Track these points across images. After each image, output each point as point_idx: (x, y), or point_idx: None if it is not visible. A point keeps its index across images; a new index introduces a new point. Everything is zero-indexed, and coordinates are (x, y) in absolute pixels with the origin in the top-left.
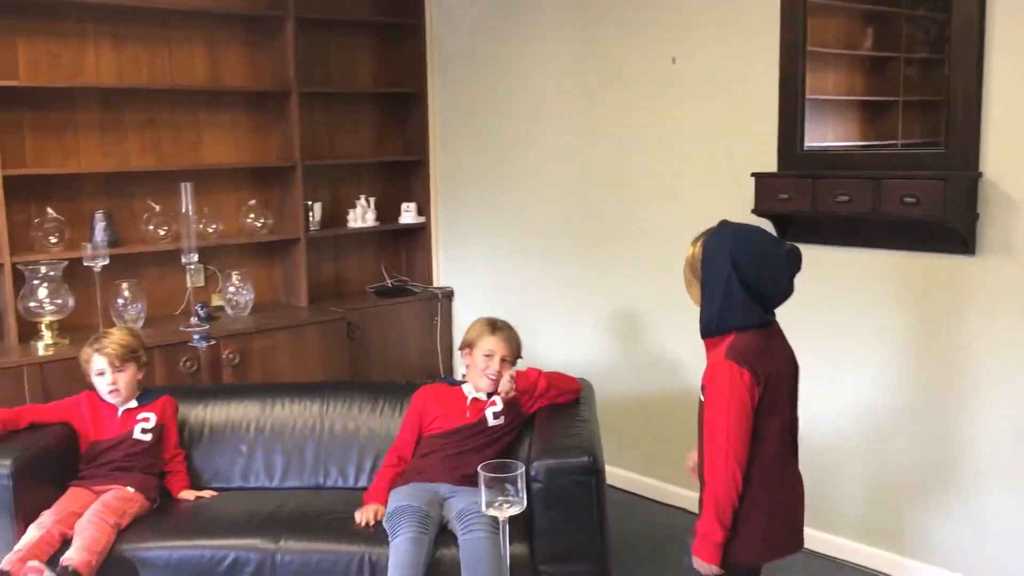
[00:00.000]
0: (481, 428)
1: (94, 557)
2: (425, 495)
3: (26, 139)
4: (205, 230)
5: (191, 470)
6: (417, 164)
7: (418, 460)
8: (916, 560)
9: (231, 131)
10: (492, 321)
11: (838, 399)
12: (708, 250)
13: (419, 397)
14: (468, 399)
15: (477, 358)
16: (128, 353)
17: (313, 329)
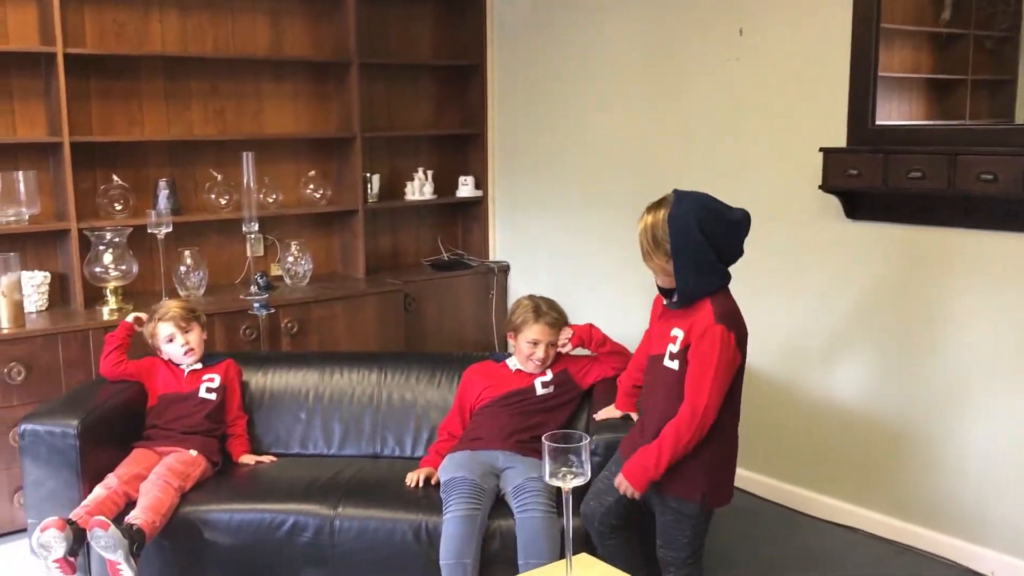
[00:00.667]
0: (530, 395)
1: (158, 518)
2: (479, 466)
3: (93, 107)
4: (265, 200)
5: (251, 435)
6: (475, 137)
7: (472, 428)
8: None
9: (292, 101)
10: (537, 306)
11: (912, 382)
12: (675, 219)
13: (467, 375)
14: (513, 370)
15: (522, 345)
16: (189, 313)
17: (370, 300)
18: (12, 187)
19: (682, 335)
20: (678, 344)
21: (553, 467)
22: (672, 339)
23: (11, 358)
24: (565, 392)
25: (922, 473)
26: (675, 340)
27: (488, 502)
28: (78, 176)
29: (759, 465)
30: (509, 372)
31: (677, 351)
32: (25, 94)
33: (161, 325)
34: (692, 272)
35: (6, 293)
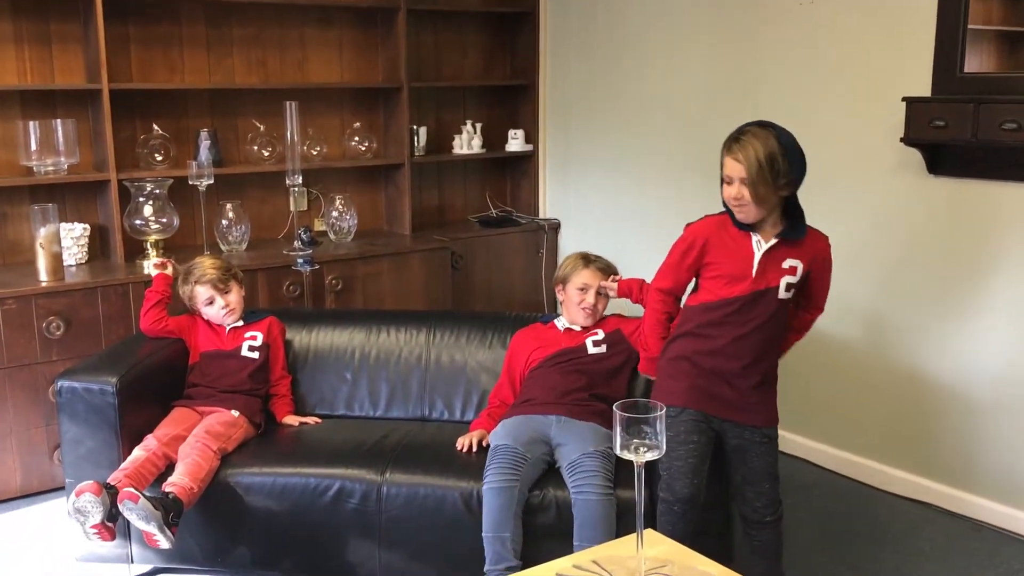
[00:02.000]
0: (582, 353)
1: (196, 484)
2: (529, 432)
3: (132, 53)
4: (309, 152)
5: (295, 396)
6: (525, 89)
7: (524, 392)
8: None
9: (337, 50)
10: (585, 255)
11: (990, 352)
12: (795, 149)
13: (514, 340)
14: (562, 329)
15: (571, 293)
16: (225, 273)
17: (416, 257)
18: (50, 136)
19: (801, 265)
20: (797, 275)
21: (624, 438)
22: (788, 271)
23: (50, 312)
24: (620, 352)
25: (1000, 446)
26: (793, 271)
27: (532, 471)
28: (117, 125)
29: (826, 435)
30: (558, 332)
31: (796, 281)
32: (63, 39)
33: (199, 288)
34: (797, 203)
35: (44, 245)
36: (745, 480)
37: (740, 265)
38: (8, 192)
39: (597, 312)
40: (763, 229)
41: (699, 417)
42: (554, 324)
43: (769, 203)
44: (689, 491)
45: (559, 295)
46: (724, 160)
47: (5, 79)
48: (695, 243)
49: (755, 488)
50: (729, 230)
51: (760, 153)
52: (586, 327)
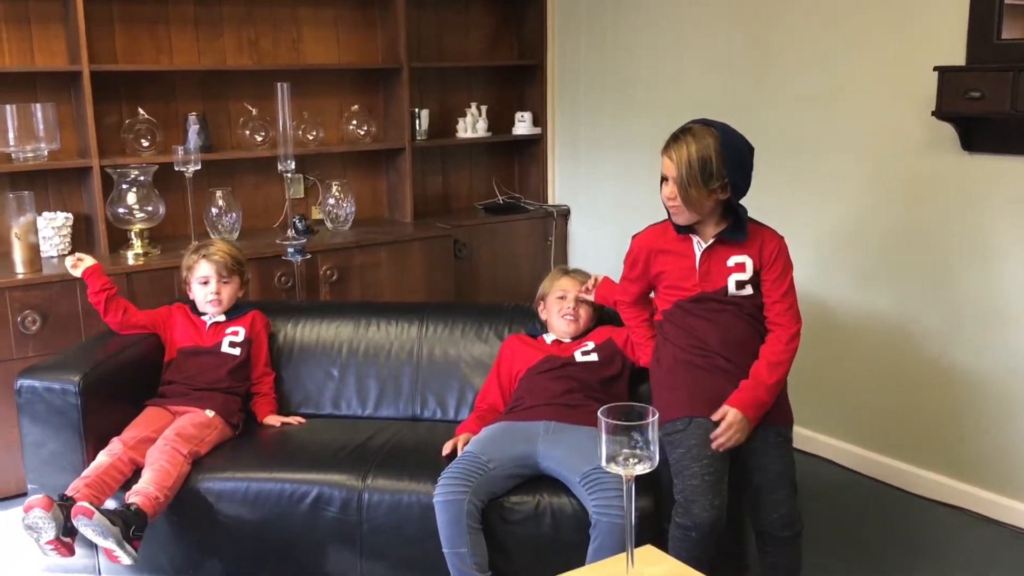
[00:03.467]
0: (570, 362)
1: (162, 493)
2: (509, 441)
3: (116, 33)
4: (304, 137)
5: (279, 394)
6: (533, 69)
7: (513, 398)
8: None
9: (333, 28)
10: (564, 268)
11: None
12: (731, 147)
13: (506, 344)
14: (550, 342)
15: (551, 304)
16: (236, 265)
17: (417, 246)
18: (29, 120)
19: (750, 261)
20: (748, 271)
21: (612, 449)
22: (735, 268)
23: (25, 306)
24: (614, 361)
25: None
26: (742, 268)
27: (496, 483)
28: (102, 109)
29: (850, 432)
30: (546, 344)
31: (748, 278)
32: (43, 18)
33: (202, 263)
34: (741, 200)
35: (20, 236)
36: (761, 488)
37: (684, 269)
38: None
39: (580, 320)
40: (703, 231)
41: (709, 426)
42: (542, 338)
43: (702, 206)
44: (709, 514)
45: (542, 314)
46: (662, 158)
47: None
48: (638, 257)
49: (772, 496)
50: (669, 235)
51: (693, 154)
52: (575, 338)
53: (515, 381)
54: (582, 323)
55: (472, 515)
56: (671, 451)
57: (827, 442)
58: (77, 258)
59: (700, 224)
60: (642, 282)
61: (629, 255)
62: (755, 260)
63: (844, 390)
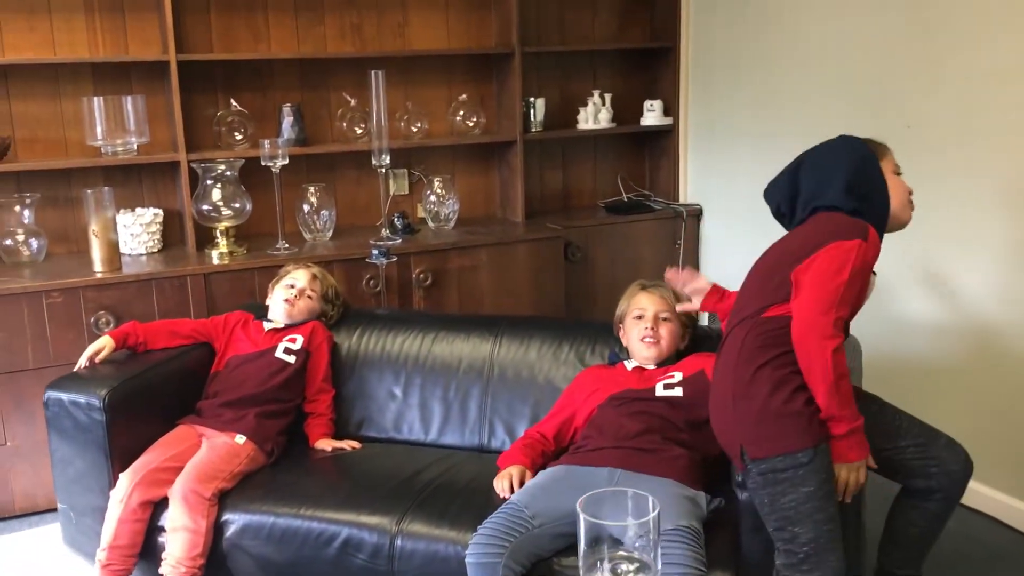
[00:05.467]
0: (649, 396)
1: (194, 565)
2: (565, 490)
3: (212, 20)
4: (408, 129)
5: (338, 414)
6: (665, 52)
7: (580, 438)
8: None
9: (443, 11)
10: (643, 282)
11: None
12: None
13: (579, 377)
14: (630, 369)
15: (629, 326)
16: (330, 292)
17: (523, 248)
18: (119, 113)
19: None
20: None
21: (590, 555)
22: None
23: (100, 306)
24: (703, 403)
25: None
26: None
27: (541, 543)
28: (197, 101)
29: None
30: (626, 372)
31: None
32: (137, 7)
33: (301, 271)
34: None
35: (98, 233)
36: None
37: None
38: (82, 174)
39: (663, 342)
40: None
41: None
42: (622, 365)
43: None
44: (842, 566)
45: (622, 338)
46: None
47: (76, 51)
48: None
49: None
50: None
51: None
52: (660, 365)
53: (583, 421)
54: (665, 346)
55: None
56: (785, 493)
57: (997, 498)
58: (94, 353)
59: None
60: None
61: (858, 258)
62: None
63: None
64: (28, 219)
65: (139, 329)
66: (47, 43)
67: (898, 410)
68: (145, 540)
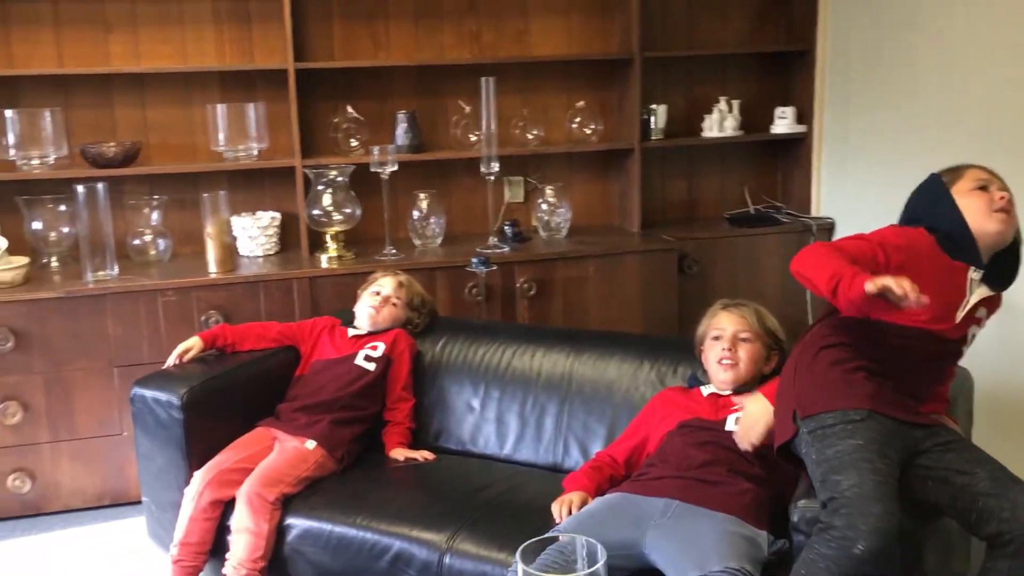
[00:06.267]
0: (718, 428)
1: (255, 567)
2: (618, 520)
3: (334, 29)
4: (524, 135)
5: (418, 424)
6: (800, 56)
7: (647, 461)
8: None
9: (564, 17)
10: (726, 301)
11: None
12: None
13: (656, 399)
14: (706, 395)
15: (707, 348)
16: (415, 300)
17: (632, 259)
18: (241, 119)
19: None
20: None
21: None
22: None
23: (210, 305)
24: (779, 434)
25: None
26: (980, 322)
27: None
28: (318, 107)
29: None
30: (701, 398)
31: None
32: (263, 17)
33: (388, 278)
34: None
35: (213, 235)
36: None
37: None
38: (208, 177)
39: (741, 365)
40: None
41: (893, 428)
42: (699, 390)
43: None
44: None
45: (703, 361)
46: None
47: (205, 60)
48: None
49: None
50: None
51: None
52: (738, 391)
53: (654, 447)
54: (744, 369)
55: None
56: (832, 445)
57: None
58: (182, 352)
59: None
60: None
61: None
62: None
63: None
64: (156, 220)
65: (228, 331)
66: (179, 53)
67: (977, 449)
68: (216, 539)
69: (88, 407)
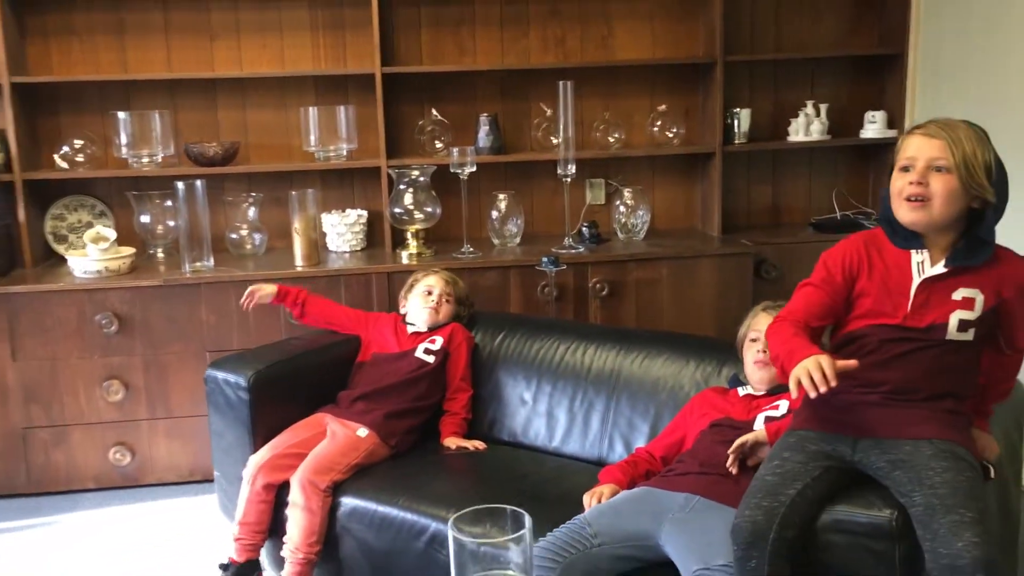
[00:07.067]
0: (746, 428)
1: (311, 550)
2: (639, 513)
3: (423, 35)
4: (605, 138)
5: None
6: (892, 60)
7: (678, 458)
8: None
9: (648, 21)
10: (768, 303)
11: None
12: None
13: (695, 399)
14: (742, 395)
15: (746, 348)
16: (463, 296)
17: (707, 263)
18: (332, 121)
19: (981, 297)
20: (977, 309)
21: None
22: (962, 304)
23: None
24: None
25: None
26: (970, 305)
27: (600, 563)
28: (405, 110)
29: None
30: (737, 398)
31: (975, 318)
32: (356, 25)
33: (435, 276)
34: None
35: (300, 231)
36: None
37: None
38: (302, 176)
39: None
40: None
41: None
42: (736, 391)
43: (953, 207)
44: (753, 514)
45: (744, 363)
46: (912, 140)
47: (301, 65)
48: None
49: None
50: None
51: (971, 135)
52: (773, 391)
53: (690, 445)
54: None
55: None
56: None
57: None
58: (255, 289)
59: (934, 239)
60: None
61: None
62: (989, 296)
63: None
64: (253, 216)
65: (303, 294)
66: (277, 59)
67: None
68: (274, 519)
69: (182, 388)
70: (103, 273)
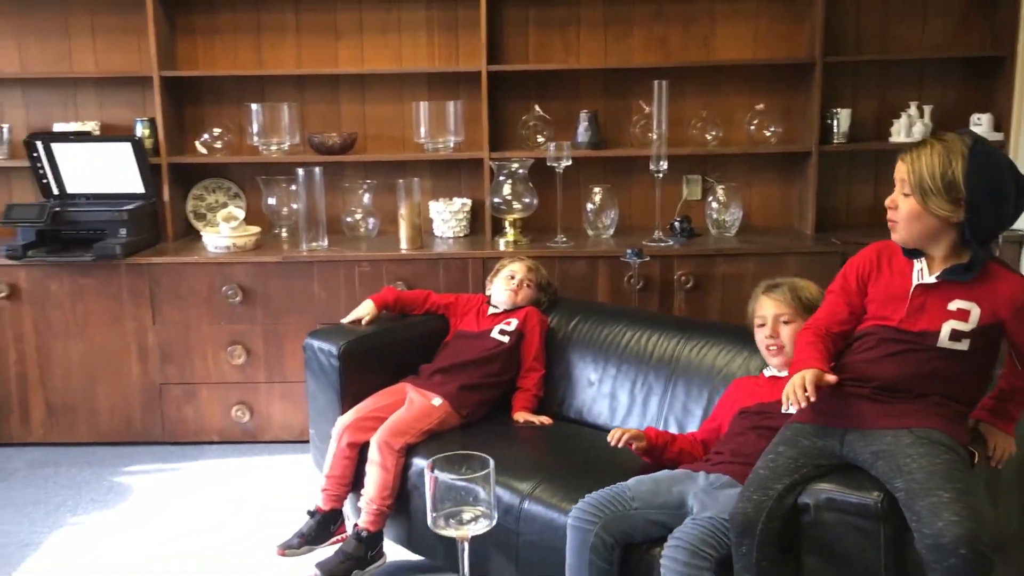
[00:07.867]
0: (774, 410)
1: (384, 504)
2: (670, 487)
3: (530, 35)
4: (702, 136)
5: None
6: (999, 62)
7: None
8: None
9: (752, 21)
10: (767, 283)
11: None
12: (981, 158)
13: (729, 387)
14: (767, 377)
15: (756, 334)
16: (544, 282)
17: (795, 260)
18: (442, 115)
19: (977, 311)
20: (972, 321)
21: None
22: (956, 315)
23: (397, 277)
24: None
25: None
26: (964, 316)
27: (636, 524)
28: (511, 106)
29: None
30: (764, 380)
31: (969, 330)
32: (468, 25)
33: (519, 263)
34: (986, 233)
35: (404, 216)
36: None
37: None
38: (413, 165)
39: (788, 349)
40: (930, 261)
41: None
42: (763, 374)
43: (923, 224)
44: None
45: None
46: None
47: (416, 63)
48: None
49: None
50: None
51: (935, 159)
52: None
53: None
54: (790, 351)
55: (597, 551)
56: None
57: None
58: (357, 319)
59: (929, 251)
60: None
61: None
62: (985, 311)
63: None
64: (367, 201)
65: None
66: (395, 56)
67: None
68: (356, 474)
69: (295, 355)
70: (231, 249)
